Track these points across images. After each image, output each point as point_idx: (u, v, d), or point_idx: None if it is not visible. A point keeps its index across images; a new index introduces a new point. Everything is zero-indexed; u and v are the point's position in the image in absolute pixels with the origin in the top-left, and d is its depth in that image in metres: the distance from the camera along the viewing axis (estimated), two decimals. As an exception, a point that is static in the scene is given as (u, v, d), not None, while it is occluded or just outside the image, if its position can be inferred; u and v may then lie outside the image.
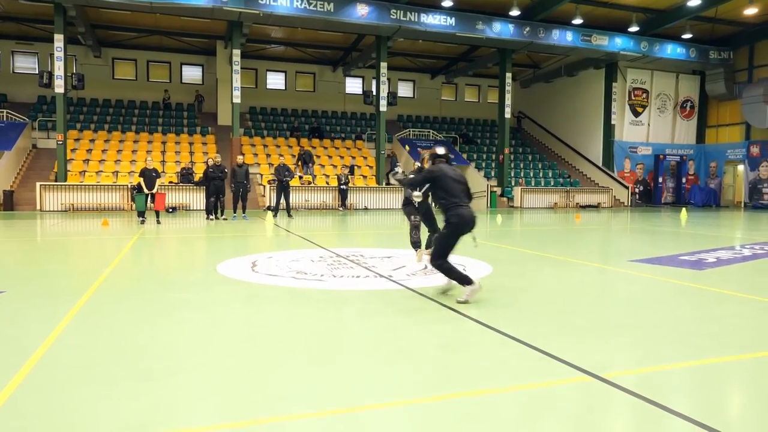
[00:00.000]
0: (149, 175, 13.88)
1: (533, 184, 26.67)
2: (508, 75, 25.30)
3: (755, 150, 27.16)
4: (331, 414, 2.63)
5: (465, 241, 5.33)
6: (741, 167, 28.33)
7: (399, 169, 6.19)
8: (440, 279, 6.19)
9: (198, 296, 5.33)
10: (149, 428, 2.44)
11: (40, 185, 19.25)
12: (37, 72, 24.12)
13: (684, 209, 20.87)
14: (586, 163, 29.22)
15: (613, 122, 27.63)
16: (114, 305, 4.91)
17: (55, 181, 20.02)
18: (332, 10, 20.70)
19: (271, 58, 28.76)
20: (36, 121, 23.66)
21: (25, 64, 26.27)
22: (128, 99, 27.14)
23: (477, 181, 25.50)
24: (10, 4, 21.92)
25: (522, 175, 27.37)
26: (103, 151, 22.80)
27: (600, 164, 28.19)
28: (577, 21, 23.55)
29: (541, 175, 27.89)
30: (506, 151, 25.50)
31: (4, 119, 22.56)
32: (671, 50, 25.99)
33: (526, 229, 14.70)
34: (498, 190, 25.16)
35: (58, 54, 19.80)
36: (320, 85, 30.20)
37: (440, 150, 5.58)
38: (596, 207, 25.94)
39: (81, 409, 2.64)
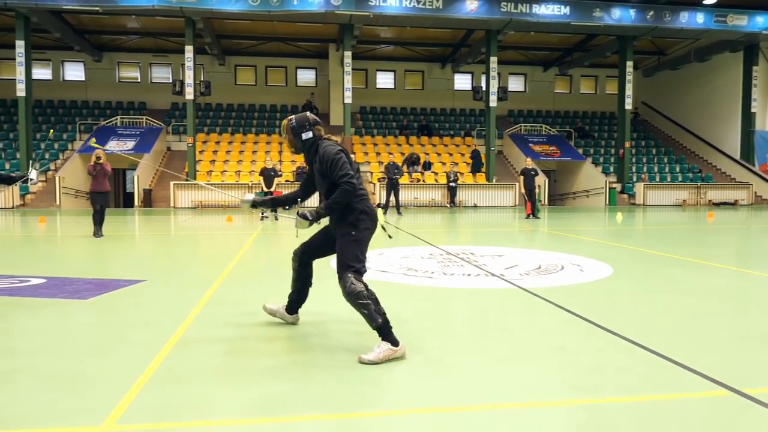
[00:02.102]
0: (268, 175, 14.66)
1: (658, 180, 24.83)
2: (629, 63, 23.75)
3: None
4: (441, 411, 2.60)
5: (582, 240, 5.05)
6: None
7: (306, 213, 3.52)
8: (556, 279, 5.93)
9: (313, 290, 5.53)
10: (272, 413, 2.56)
11: (174, 184, 21.07)
12: (170, 81, 26.41)
13: (841, 207, 18.36)
14: (720, 157, 26.66)
15: (753, 110, 24.92)
16: (238, 296, 5.23)
17: (186, 180, 21.83)
18: (441, 7, 20.62)
19: (380, 58, 29.25)
20: (170, 126, 25.96)
21: (161, 74, 28.91)
22: (249, 103, 28.93)
23: (594, 177, 24.22)
24: (148, 21, 24.18)
25: (645, 170, 25.57)
26: (227, 152, 24.49)
27: (737, 157, 25.56)
28: (709, 1, 21.51)
29: (666, 169, 25.90)
30: (627, 144, 23.96)
31: (144, 125, 24.98)
32: (827, 26, 22.94)
33: (650, 228, 13.70)
34: (617, 187, 23.71)
35: (189, 64, 21.56)
36: (429, 83, 30.22)
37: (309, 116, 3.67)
38: (733, 204, 23.58)
39: (211, 396, 2.82)
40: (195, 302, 4.78)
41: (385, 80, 30.17)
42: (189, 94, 21.68)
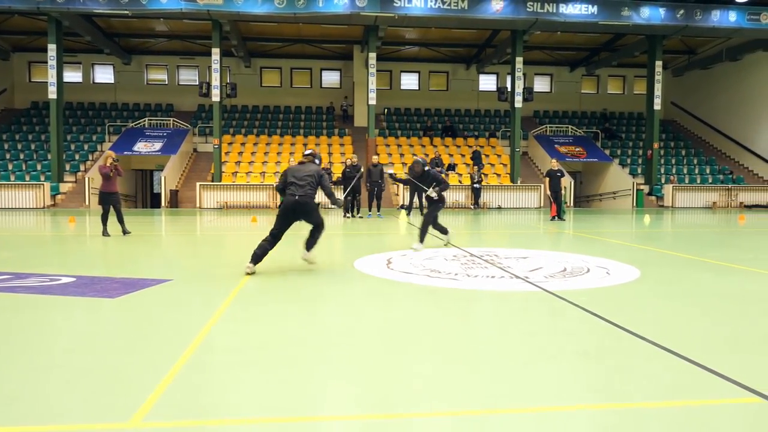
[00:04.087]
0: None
1: (687, 182, 24.34)
2: (658, 63, 23.34)
3: None
4: (464, 414, 2.58)
5: (608, 243, 4.95)
6: None
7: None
8: (582, 282, 5.86)
9: (337, 290, 5.56)
10: (292, 412, 2.57)
11: (200, 185, 21.37)
12: (197, 83, 26.82)
13: None
14: (752, 158, 26.06)
15: (786, 110, 24.30)
16: (262, 295, 5.28)
17: (212, 181, 22.11)
18: (466, 8, 20.54)
19: (404, 59, 29.26)
20: (196, 128, 26.34)
21: (188, 76, 29.38)
22: (274, 104, 29.20)
23: (621, 178, 23.86)
24: (176, 24, 24.60)
25: (674, 171, 25.10)
26: (252, 153, 24.76)
27: (770, 158, 24.95)
28: (742, -2, 21.04)
29: (696, 171, 25.37)
30: (655, 145, 23.53)
31: (171, 127, 25.39)
32: None
33: (678, 231, 13.43)
34: (645, 189, 23.30)
35: (215, 66, 21.85)
36: (453, 84, 30.12)
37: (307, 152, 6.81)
38: (766, 207, 22.98)
39: (236, 390, 2.85)
40: (220, 301, 4.83)
41: (409, 81, 30.17)
42: (215, 96, 21.97)
